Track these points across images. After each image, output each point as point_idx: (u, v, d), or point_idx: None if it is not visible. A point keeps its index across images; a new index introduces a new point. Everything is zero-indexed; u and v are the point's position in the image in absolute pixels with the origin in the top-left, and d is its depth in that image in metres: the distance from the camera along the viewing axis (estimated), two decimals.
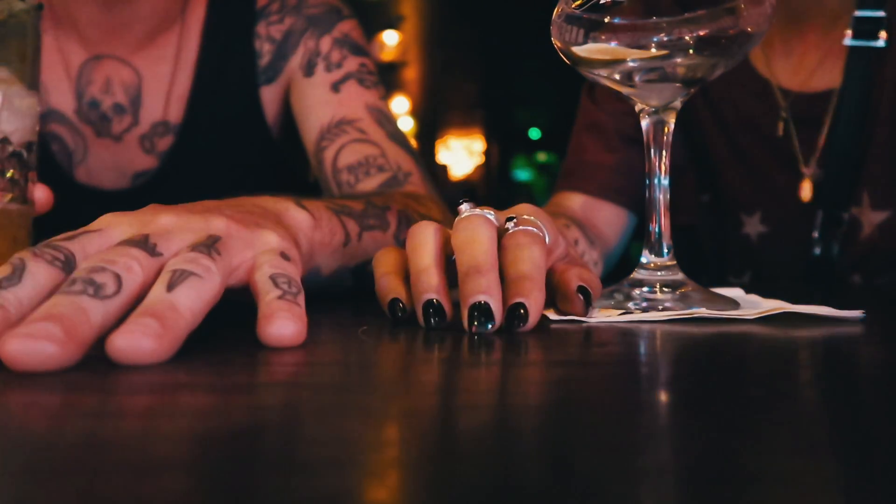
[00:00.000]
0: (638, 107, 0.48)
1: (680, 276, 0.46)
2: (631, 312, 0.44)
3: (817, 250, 0.84)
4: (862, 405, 0.25)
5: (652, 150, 0.48)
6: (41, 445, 0.20)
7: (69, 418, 0.23)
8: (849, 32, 0.82)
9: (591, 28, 0.45)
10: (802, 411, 0.24)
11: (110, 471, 0.17)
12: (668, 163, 0.48)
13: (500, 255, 0.41)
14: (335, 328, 0.43)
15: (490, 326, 0.37)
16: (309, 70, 0.84)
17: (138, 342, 0.28)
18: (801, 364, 0.33)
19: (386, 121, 0.82)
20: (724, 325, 0.41)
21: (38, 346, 0.27)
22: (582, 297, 0.42)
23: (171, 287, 0.31)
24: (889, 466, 0.18)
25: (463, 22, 5.43)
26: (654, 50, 0.44)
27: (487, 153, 7.42)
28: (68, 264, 0.33)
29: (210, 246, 0.35)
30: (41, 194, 0.51)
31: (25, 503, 0.16)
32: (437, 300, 0.39)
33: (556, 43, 0.47)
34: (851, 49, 0.82)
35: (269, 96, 0.86)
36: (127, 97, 0.83)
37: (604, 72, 0.46)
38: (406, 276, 0.43)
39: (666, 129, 0.47)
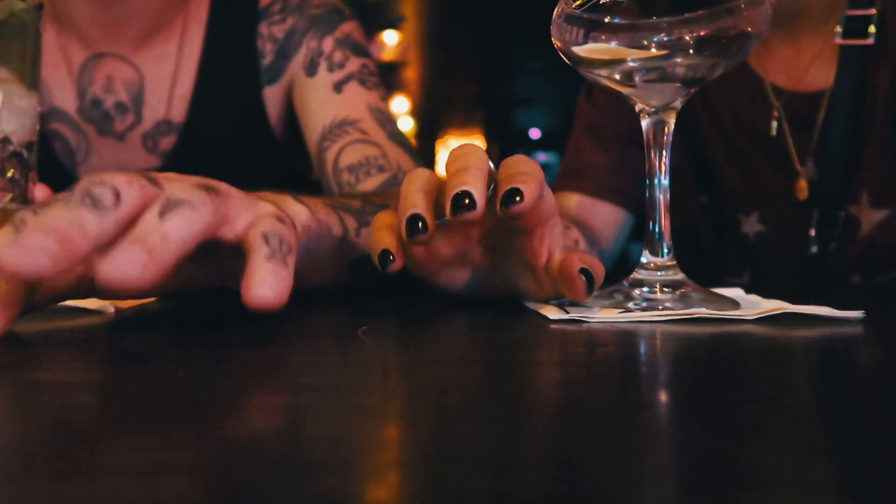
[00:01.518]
0: (638, 107, 0.48)
1: (680, 276, 0.46)
2: (631, 312, 0.44)
3: (815, 248, 0.84)
4: (862, 405, 0.25)
5: (652, 151, 0.48)
6: (41, 445, 0.20)
7: (69, 418, 0.23)
8: (839, 30, 0.82)
9: (591, 28, 0.45)
10: (802, 411, 0.24)
11: (110, 471, 0.17)
12: (668, 163, 0.48)
13: (497, 176, 0.42)
14: (335, 328, 0.43)
15: (473, 212, 0.39)
16: (311, 70, 0.84)
17: (124, 269, 0.29)
18: (801, 364, 0.33)
19: (387, 121, 0.82)
20: (724, 325, 0.41)
21: (30, 259, 0.28)
22: (584, 279, 0.42)
23: (162, 213, 0.31)
24: (889, 466, 0.18)
25: (463, 22, 5.43)
26: (654, 50, 0.44)
27: (487, 153, 7.41)
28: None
29: (209, 187, 0.35)
30: (41, 194, 0.51)
31: (25, 503, 0.16)
32: (421, 214, 0.41)
33: (556, 43, 0.47)
34: (843, 48, 0.83)
35: (272, 96, 0.86)
36: (129, 96, 0.83)
37: (604, 72, 0.46)
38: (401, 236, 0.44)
39: (666, 129, 0.47)
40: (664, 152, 0.47)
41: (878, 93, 0.82)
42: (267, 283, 0.32)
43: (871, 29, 0.81)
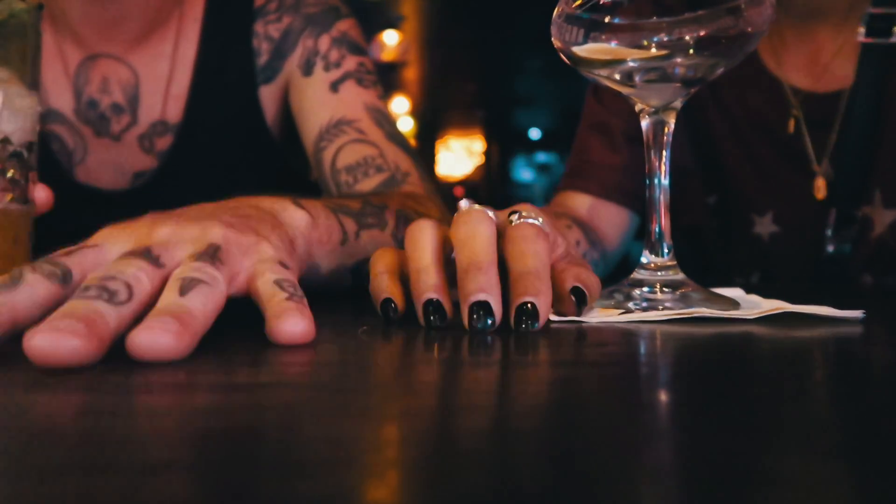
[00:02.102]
0: (638, 107, 0.48)
1: (680, 276, 0.46)
2: (631, 312, 0.44)
3: (830, 248, 0.83)
4: (863, 405, 0.25)
5: (652, 151, 0.48)
6: (41, 445, 0.20)
7: (69, 418, 0.23)
8: (861, 30, 0.82)
9: (591, 28, 0.45)
10: (803, 411, 0.24)
11: (110, 471, 0.17)
12: (668, 163, 0.48)
13: (504, 247, 0.41)
14: (335, 328, 0.43)
15: (490, 323, 0.37)
16: (307, 69, 0.84)
17: (158, 338, 0.29)
18: (802, 364, 0.33)
19: (384, 121, 0.82)
20: (724, 325, 0.41)
21: (63, 341, 0.27)
22: (574, 299, 0.42)
23: (182, 293, 0.32)
24: (891, 466, 0.18)
25: (463, 22, 5.43)
26: (653, 50, 0.44)
27: (487, 153, 7.41)
28: (65, 279, 0.33)
29: (212, 255, 0.35)
30: (41, 194, 0.51)
31: (25, 503, 0.16)
32: (437, 299, 0.39)
33: (556, 43, 0.47)
34: (864, 47, 0.82)
35: (268, 96, 0.86)
36: (125, 96, 0.83)
37: (604, 72, 0.46)
38: (401, 276, 0.43)
39: (666, 130, 0.47)
40: (664, 152, 0.47)
41: (895, 92, 0.81)
42: (296, 318, 0.33)
43: None
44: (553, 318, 0.42)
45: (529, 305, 0.38)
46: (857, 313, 0.42)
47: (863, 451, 0.19)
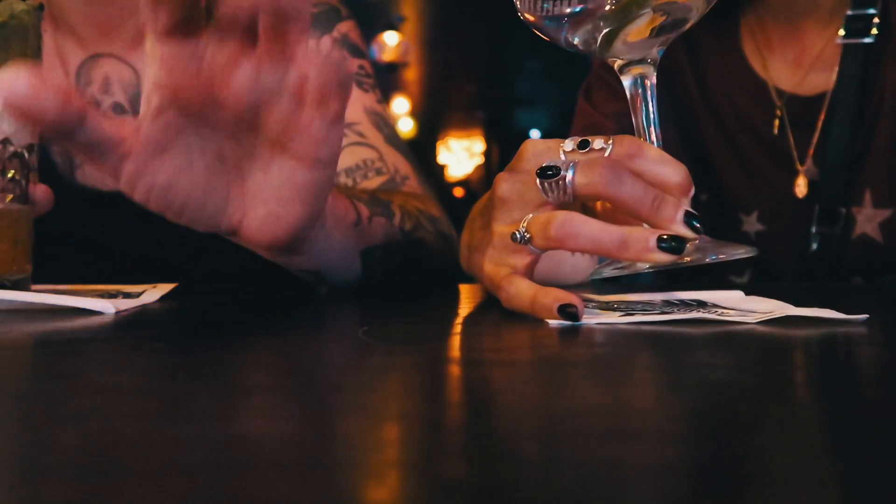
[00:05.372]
0: (617, 64, 0.46)
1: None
2: (632, 314, 0.44)
3: (815, 245, 0.84)
4: (864, 405, 0.25)
5: (639, 109, 0.46)
6: (40, 445, 0.20)
7: (69, 418, 0.23)
8: (841, 31, 0.83)
9: None
10: (804, 411, 0.24)
11: (110, 471, 0.17)
12: (656, 121, 0.46)
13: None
14: (335, 328, 0.43)
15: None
16: None
17: None
18: (803, 364, 0.33)
19: (384, 124, 0.82)
20: (725, 326, 0.40)
21: None
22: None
23: None
24: (892, 467, 0.18)
25: (463, 23, 5.43)
26: None
27: (487, 154, 7.41)
28: None
29: None
30: (42, 195, 0.51)
31: (24, 502, 0.16)
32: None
33: (526, 16, 0.46)
34: (845, 47, 0.83)
35: None
36: (126, 96, 0.83)
37: (574, 40, 0.45)
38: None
39: (647, 83, 0.46)
40: (651, 107, 0.46)
41: (883, 92, 0.82)
42: None
43: (874, 30, 0.82)
44: (551, 322, 0.42)
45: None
46: (860, 317, 0.42)
47: (865, 452, 0.19)
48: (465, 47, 5.76)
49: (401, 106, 6.28)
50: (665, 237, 0.41)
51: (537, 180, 0.43)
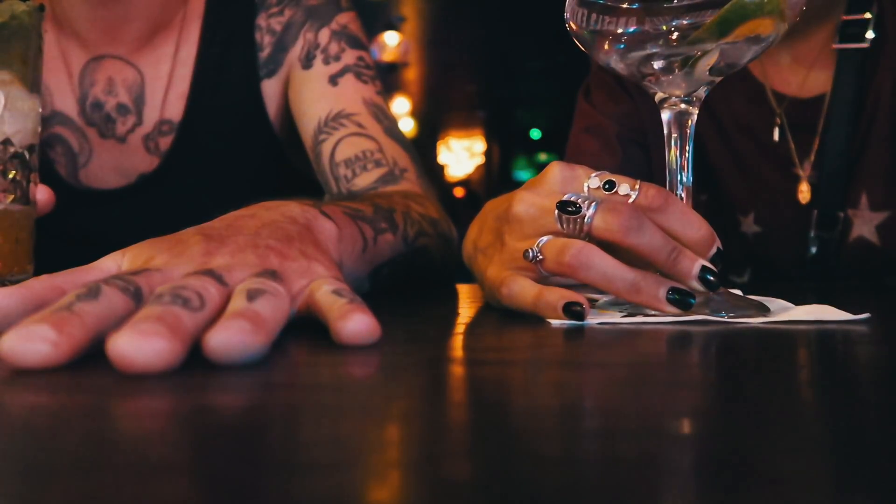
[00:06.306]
0: (658, 97, 0.45)
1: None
2: (634, 314, 0.44)
3: (813, 249, 0.84)
4: (865, 406, 0.25)
5: (674, 144, 0.45)
6: (41, 445, 0.20)
7: (69, 418, 0.23)
8: (836, 36, 0.83)
9: (604, 12, 0.42)
10: (805, 411, 0.24)
11: (110, 471, 0.17)
12: (690, 159, 0.45)
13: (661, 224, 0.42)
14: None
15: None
16: (307, 62, 0.84)
17: (233, 338, 0.28)
18: (805, 364, 0.33)
19: (383, 116, 0.82)
20: (726, 326, 0.41)
21: (147, 343, 0.27)
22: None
23: (250, 299, 0.32)
24: (892, 468, 0.18)
25: (464, 23, 5.43)
26: (674, 35, 0.41)
27: (488, 153, 7.42)
28: (137, 295, 0.33)
29: (272, 274, 0.36)
30: (43, 195, 0.51)
31: (24, 502, 0.16)
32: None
33: (571, 26, 0.45)
34: (841, 52, 0.83)
35: (271, 90, 0.86)
36: (130, 97, 0.83)
37: (621, 61, 0.43)
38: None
39: (689, 122, 0.45)
40: (687, 146, 0.45)
41: (879, 96, 0.82)
42: (360, 316, 0.33)
43: (869, 34, 0.82)
44: (553, 322, 0.42)
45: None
46: (863, 317, 0.42)
47: (866, 452, 0.19)
48: (465, 47, 5.76)
49: (401, 106, 6.28)
50: (677, 290, 0.41)
51: (556, 212, 0.43)
